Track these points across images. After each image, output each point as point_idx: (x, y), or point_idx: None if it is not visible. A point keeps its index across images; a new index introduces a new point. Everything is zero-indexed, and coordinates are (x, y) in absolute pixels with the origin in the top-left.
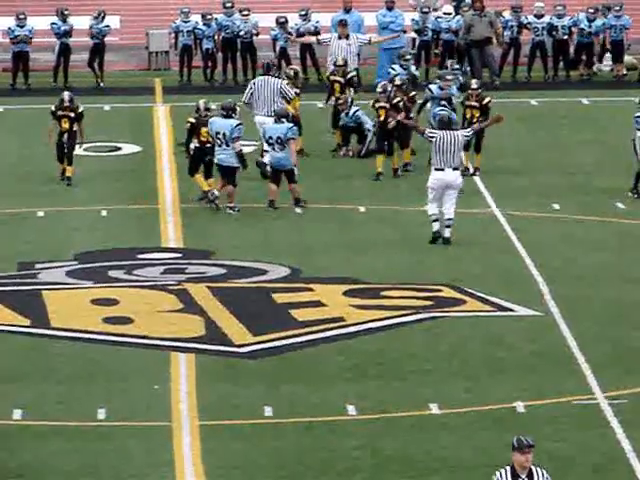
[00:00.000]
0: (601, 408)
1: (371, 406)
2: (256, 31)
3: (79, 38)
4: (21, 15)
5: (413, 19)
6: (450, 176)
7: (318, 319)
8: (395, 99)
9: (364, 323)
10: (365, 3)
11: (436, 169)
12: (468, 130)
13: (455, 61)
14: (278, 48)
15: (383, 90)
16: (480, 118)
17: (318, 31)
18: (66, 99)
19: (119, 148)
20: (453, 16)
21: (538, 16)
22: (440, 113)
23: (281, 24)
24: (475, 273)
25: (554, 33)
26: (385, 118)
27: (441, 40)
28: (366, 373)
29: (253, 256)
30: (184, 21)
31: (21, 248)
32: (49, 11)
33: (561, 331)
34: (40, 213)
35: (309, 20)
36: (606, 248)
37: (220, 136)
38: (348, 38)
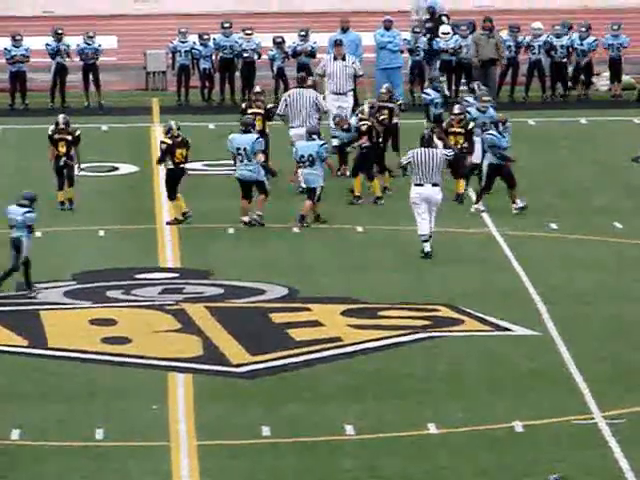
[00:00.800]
0: (599, 427)
1: (369, 426)
2: (259, 51)
3: (76, 58)
4: (17, 36)
5: (405, 39)
6: (429, 191)
7: (316, 339)
8: (361, 122)
9: (362, 343)
10: (363, 23)
11: (416, 184)
12: (449, 150)
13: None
14: (275, 68)
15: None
16: (464, 144)
17: (314, 52)
18: (61, 122)
19: (116, 168)
20: (451, 36)
21: (536, 36)
22: (424, 132)
23: (278, 44)
24: (473, 293)
25: (552, 53)
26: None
27: (439, 60)
28: (364, 393)
29: (251, 276)
30: (181, 41)
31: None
32: (47, 31)
33: (559, 350)
34: (38, 233)
35: (307, 40)
36: (604, 267)
37: (241, 151)
38: (344, 59)
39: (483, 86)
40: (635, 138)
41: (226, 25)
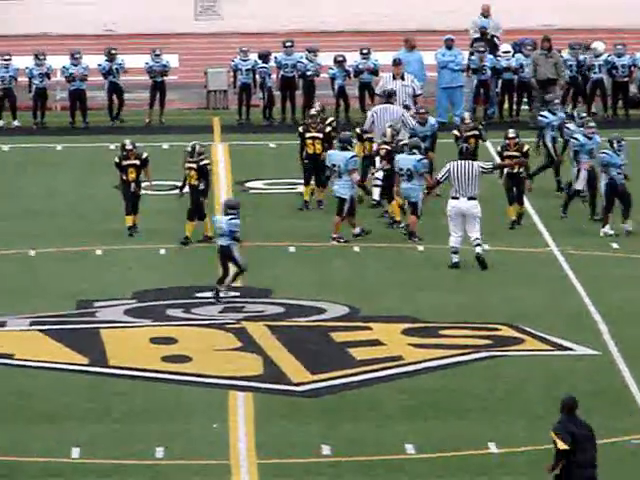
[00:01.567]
0: None
1: (430, 445)
2: (319, 70)
3: (133, 77)
4: (76, 54)
5: (470, 58)
6: (465, 204)
7: (376, 358)
8: (382, 146)
9: (423, 362)
10: (423, 42)
11: (452, 197)
12: (489, 163)
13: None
14: (337, 87)
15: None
16: (521, 169)
17: (377, 70)
18: (128, 145)
19: (177, 187)
20: (512, 54)
21: (597, 55)
22: (462, 144)
23: (339, 62)
24: (534, 312)
25: (614, 72)
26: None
27: (501, 79)
28: (425, 412)
29: (311, 294)
30: (243, 59)
31: (80, 286)
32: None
33: (620, 370)
34: (99, 251)
35: (369, 58)
36: None
37: (336, 168)
38: (403, 78)
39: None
40: None
41: (288, 44)
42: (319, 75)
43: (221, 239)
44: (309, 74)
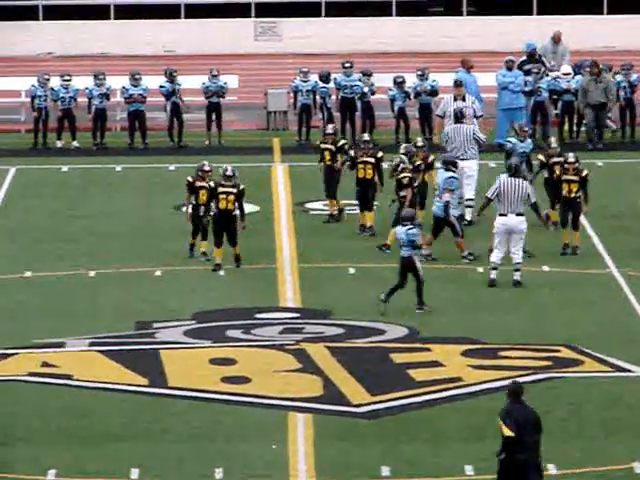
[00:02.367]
0: None
1: (489, 466)
2: (374, 90)
3: (191, 98)
4: (136, 75)
5: (526, 80)
6: (513, 221)
7: (436, 379)
8: (402, 174)
9: (482, 383)
10: (480, 63)
11: (500, 214)
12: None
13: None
14: (396, 108)
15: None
16: (578, 193)
17: (436, 90)
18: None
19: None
20: (572, 76)
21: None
22: (511, 161)
23: (399, 84)
24: (593, 333)
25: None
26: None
27: (560, 101)
28: (484, 433)
29: (371, 316)
30: (303, 80)
31: (139, 307)
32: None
33: None
34: (158, 272)
35: (426, 79)
36: None
37: (437, 187)
38: (464, 99)
39: (595, 129)
40: None
41: (347, 65)
42: (374, 93)
43: (402, 250)
44: (366, 97)
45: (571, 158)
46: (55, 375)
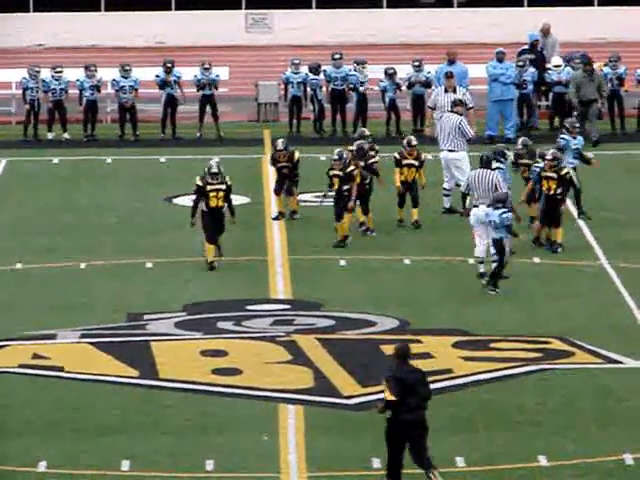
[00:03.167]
0: None
1: (480, 457)
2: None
3: (184, 89)
4: (126, 67)
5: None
6: (485, 211)
7: (427, 370)
8: (349, 167)
9: (473, 375)
10: (471, 55)
11: (473, 206)
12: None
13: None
14: (387, 100)
15: (339, 157)
16: (559, 191)
17: (429, 82)
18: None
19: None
20: (563, 68)
21: None
22: (483, 154)
23: (390, 75)
24: (584, 325)
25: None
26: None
27: (551, 93)
28: (475, 425)
29: (362, 308)
30: (294, 72)
31: (130, 299)
32: (160, 62)
33: None
34: (149, 264)
35: (422, 70)
36: None
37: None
38: (455, 91)
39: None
40: None
41: (336, 56)
42: (363, 84)
43: (495, 232)
44: (361, 88)
45: (549, 155)
46: (46, 367)
